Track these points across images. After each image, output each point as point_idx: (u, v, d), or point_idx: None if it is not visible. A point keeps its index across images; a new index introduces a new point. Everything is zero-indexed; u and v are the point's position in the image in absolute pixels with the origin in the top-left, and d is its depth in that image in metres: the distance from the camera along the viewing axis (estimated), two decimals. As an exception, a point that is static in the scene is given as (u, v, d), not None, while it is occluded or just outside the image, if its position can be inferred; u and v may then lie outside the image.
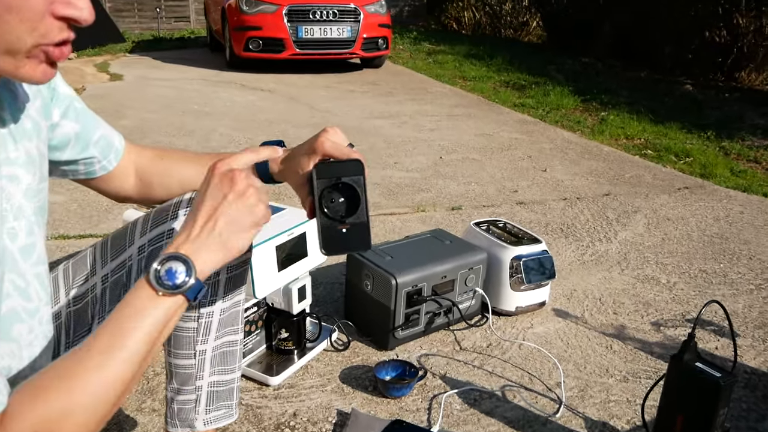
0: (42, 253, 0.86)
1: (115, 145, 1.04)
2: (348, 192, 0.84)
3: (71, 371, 0.68)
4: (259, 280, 1.52)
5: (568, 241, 2.65)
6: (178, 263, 0.75)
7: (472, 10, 11.74)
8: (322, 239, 0.84)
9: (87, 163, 1.01)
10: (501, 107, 5.46)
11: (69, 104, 0.95)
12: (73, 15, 0.68)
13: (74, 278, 1.02)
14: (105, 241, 1.05)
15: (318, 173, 0.84)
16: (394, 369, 1.67)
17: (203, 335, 1.09)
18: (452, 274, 1.86)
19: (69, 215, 2.76)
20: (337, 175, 0.84)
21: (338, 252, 0.87)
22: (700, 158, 4.01)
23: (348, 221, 0.84)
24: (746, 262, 2.51)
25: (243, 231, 0.79)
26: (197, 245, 0.77)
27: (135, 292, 0.75)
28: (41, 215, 0.86)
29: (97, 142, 1.01)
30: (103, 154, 1.02)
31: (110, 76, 6.38)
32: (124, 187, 1.08)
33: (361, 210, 0.84)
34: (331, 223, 0.84)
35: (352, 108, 5.24)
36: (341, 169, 0.85)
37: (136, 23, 11.39)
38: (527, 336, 1.93)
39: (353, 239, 0.84)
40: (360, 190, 0.84)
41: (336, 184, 0.84)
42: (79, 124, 0.97)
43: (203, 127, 4.37)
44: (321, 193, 0.84)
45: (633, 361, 1.82)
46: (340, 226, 0.84)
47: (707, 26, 7.26)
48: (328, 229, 0.84)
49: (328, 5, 6.67)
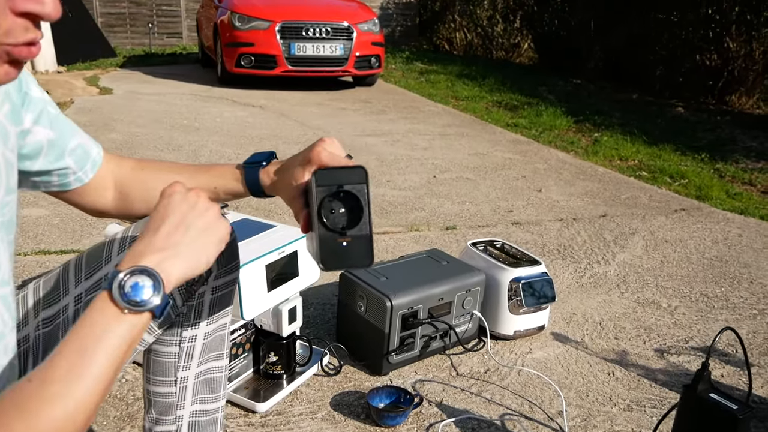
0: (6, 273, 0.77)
1: (92, 155, 0.96)
2: (350, 202, 0.77)
3: (30, 401, 0.60)
4: (248, 301, 1.44)
5: (566, 263, 2.58)
6: (144, 277, 0.68)
7: (464, 31, 11.79)
8: (320, 253, 0.76)
9: (61, 174, 0.93)
10: (494, 127, 5.43)
11: (42, 109, 0.87)
12: (34, 10, 0.61)
13: (44, 298, 0.94)
14: (79, 258, 0.96)
15: (318, 180, 0.77)
16: (389, 396, 1.59)
17: (185, 361, 1.01)
18: (449, 296, 1.78)
19: (51, 229, 2.66)
20: (338, 182, 0.77)
21: (338, 267, 0.79)
22: (695, 180, 3.97)
23: (349, 233, 0.77)
24: (747, 286, 2.45)
25: (210, 244, 0.75)
26: (162, 257, 0.70)
27: (96, 309, 0.67)
28: (7, 231, 0.78)
29: (73, 150, 0.93)
30: (79, 165, 0.94)
31: (100, 90, 6.30)
32: (100, 200, 1.00)
33: (363, 222, 0.77)
34: (331, 235, 0.76)
35: (344, 125, 5.18)
36: (343, 177, 0.77)
37: (128, 38, 11.33)
38: (526, 361, 1.85)
39: (354, 253, 0.77)
40: (363, 200, 0.77)
41: (337, 192, 0.76)
42: (53, 132, 0.89)
43: (192, 142, 4.30)
44: (321, 202, 0.76)
45: (637, 389, 1.74)
46: (340, 239, 0.77)
47: (698, 50, 7.30)
48: (327, 241, 0.77)
49: (321, 23, 6.64)
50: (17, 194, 0.82)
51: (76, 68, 7.83)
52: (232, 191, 0.98)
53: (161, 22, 11.54)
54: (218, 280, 1.00)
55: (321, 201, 0.76)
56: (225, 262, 0.99)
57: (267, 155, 0.97)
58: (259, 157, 0.96)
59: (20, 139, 0.85)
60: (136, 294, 0.67)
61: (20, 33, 0.61)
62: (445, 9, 12.29)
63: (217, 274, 0.99)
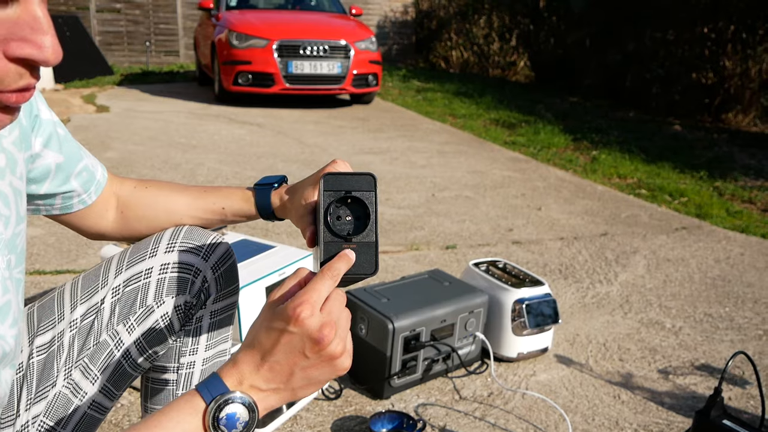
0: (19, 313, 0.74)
1: (96, 177, 0.94)
2: (357, 208, 0.75)
3: None
4: (247, 324, 1.40)
5: (568, 283, 2.55)
6: (244, 410, 0.65)
7: (460, 49, 11.85)
8: (323, 259, 0.73)
9: (65, 197, 0.91)
10: (492, 145, 5.42)
11: (51, 132, 0.85)
12: (31, 56, 0.55)
13: (39, 324, 0.91)
14: (75, 282, 0.93)
15: (326, 184, 0.75)
16: (391, 421, 1.55)
17: (183, 388, 0.97)
18: (452, 318, 1.75)
19: (46, 249, 2.63)
20: (347, 188, 0.75)
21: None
22: (695, 198, 3.96)
23: (355, 240, 0.74)
24: (751, 305, 2.42)
25: (318, 384, 0.69)
26: (271, 396, 0.67)
27: (185, 421, 0.64)
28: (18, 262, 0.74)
29: (79, 173, 0.90)
30: (84, 188, 0.92)
31: (97, 108, 6.28)
32: (102, 222, 0.97)
33: (370, 229, 0.75)
34: (336, 241, 0.74)
35: (342, 143, 5.17)
36: (351, 183, 0.76)
37: (125, 56, 11.36)
38: (530, 384, 1.82)
39: (359, 261, 0.74)
40: (371, 207, 0.75)
41: (345, 198, 0.75)
42: (62, 155, 0.87)
43: (190, 160, 4.27)
44: (327, 207, 0.74)
45: (643, 413, 1.71)
46: (345, 245, 0.74)
47: (694, 68, 7.34)
48: (332, 248, 0.74)
49: (319, 41, 6.66)
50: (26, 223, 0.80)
51: (73, 86, 7.82)
52: (242, 213, 0.96)
53: (158, 40, 11.57)
54: (217, 304, 0.97)
55: (328, 206, 0.74)
56: (224, 285, 0.96)
57: (279, 178, 0.96)
58: (270, 180, 0.96)
59: (29, 163, 0.82)
60: (229, 426, 0.64)
61: (13, 80, 0.56)
62: (441, 27, 12.38)
63: (216, 298, 0.96)
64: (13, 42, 0.54)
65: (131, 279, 0.91)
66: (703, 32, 7.21)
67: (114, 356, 0.91)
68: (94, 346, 0.90)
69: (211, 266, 0.93)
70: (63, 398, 0.89)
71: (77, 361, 0.89)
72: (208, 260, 0.93)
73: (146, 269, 0.91)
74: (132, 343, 0.91)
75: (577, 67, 9.21)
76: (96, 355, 0.90)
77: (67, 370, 0.89)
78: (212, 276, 0.93)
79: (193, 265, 0.92)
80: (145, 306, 0.91)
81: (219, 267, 0.94)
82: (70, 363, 0.89)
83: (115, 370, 0.92)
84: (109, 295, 0.91)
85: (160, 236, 0.93)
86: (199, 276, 0.92)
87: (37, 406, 0.88)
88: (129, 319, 0.91)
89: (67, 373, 0.89)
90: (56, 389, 0.89)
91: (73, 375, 0.90)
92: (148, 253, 0.91)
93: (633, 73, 8.05)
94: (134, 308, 0.90)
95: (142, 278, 0.90)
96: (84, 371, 0.90)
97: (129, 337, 0.91)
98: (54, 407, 0.89)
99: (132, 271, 0.91)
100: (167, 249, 0.91)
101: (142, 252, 0.92)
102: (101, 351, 0.90)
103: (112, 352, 0.91)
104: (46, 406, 0.89)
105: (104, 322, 0.90)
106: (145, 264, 0.91)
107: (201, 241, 0.93)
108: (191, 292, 0.92)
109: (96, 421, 0.93)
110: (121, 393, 0.94)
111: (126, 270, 0.91)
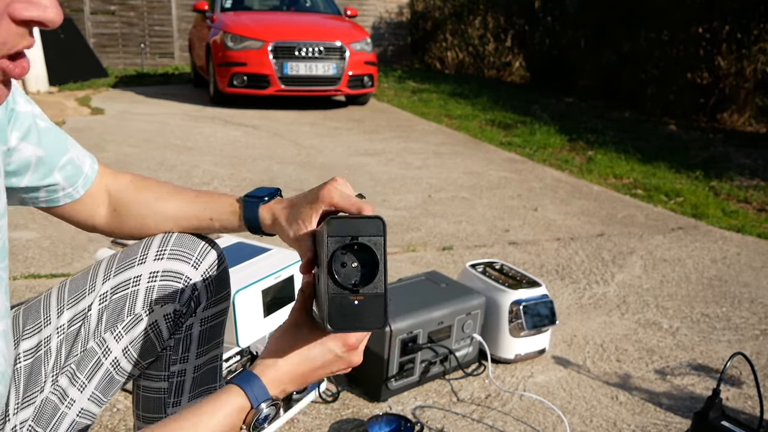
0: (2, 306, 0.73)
1: (84, 171, 0.92)
2: (365, 255, 0.69)
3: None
4: (243, 327, 1.40)
5: (565, 284, 2.55)
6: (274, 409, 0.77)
7: (456, 50, 11.86)
8: (328, 312, 0.69)
9: (49, 191, 0.89)
10: (488, 145, 5.42)
11: (30, 125, 0.83)
12: (36, 16, 0.56)
13: (24, 328, 0.89)
14: (62, 286, 0.92)
15: (330, 230, 0.69)
16: (388, 424, 1.55)
17: (175, 396, 0.96)
18: (449, 320, 1.75)
19: (41, 253, 2.61)
20: (353, 233, 0.69)
21: (347, 329, 0.71)
22: (690, 198, 3.97)
23: (362, 291, 0.69)
24: (748, 305, 2.42)
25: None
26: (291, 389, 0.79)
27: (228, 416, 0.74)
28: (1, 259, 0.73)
29: (63, 167, 0.88)
30: (69, 181, 0.90)
31: (91, 110, 6.26)
32: (95, 217, 0.96)
33: (378, 279, 0.69)
34: (342, 292, 0.69)
35: (338, 145, 5.16)
36: (358, 227, 0.69)
37: (120, 59, 11.33)
38: (528, 386, 1.81)
39: (366, 314, 0.69)
40: (380, 254, 0.69)
41: (351, 244, 0.69)
42: (41, 148, 0.85)
43: (185, 162, 4.26)
44: (332, 255, 0.69)
45: (641, 414, 1.71)
46: (351, 297, 0.69)
47: (689, 68, 7.35)
48: (336, 299, 0.69)
49: (314, 42, 6.65)
50: (7, 218, 0.78)
51: (67, 88, 7.80)
52: (228, 225, 0.92)
53: (153, 42, 11.55)
54: (207, 311, 0.95)
55: (333, 253, 0.69)
56: (214, 292, 0.94)
57: (271, 191, 0.91)
58: (261, 192, 0.91)
59: (6, 157, 0.81)
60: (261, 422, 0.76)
61: (17, 41, 0.57)
62: (436, 28, 12.37)
63: (206, 305, 0.94)
64: (18, 4, 0.55)
65: (119, 286, 0.89)
66: (698, 32, 7.22)
67: (101, 364, 0.90)
68: (81, 353, 0.89)
69: (201, 274, 0.92)
70: (50, 404, 0.88)
71: (64, 368, 0.88)
72: (198, 268, 0.91)
73: (135, 277, 0.89)
74: (120, 352, 0.90)
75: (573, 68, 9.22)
76: (83, 363, 0.89)
77: (54, 376, 0.88)
78: (202, 284, 0.92)
79: (183, 273, 0.90)
80: (133, 314, 0.89)
81: (209, 274, 0.93)
82: (57, 369, 0.88)
83: (103, 378, 0.90)
84: (97, 301, 0.89)
85: (149, 243, 0.92)
86: (189, 284, 0.90)
87: (25, 411, 0.87)
88: (117, 327, 0.89)
89: (54, 379, 0.88)
90: (43, 395, 0.88)
91: (60, 381, 0.88)
92: (137, 260, 0.90)
93: (628, 73, 8.06)
94: (122, 316, 0.89)
95: (130, 286, 0.89)
96: (71, 378, 0.89)
97: (117, 345, 0.90)
98: (41, 413, 0.88)
99: (120, 278, 0.90)
100: (156, 256, 0.90)
101: (131, 259, 0.91)
102: (88, 358, 0.89)
103: (99, 359, 0.89)
104: (33, 411, 0.87)
105: (91, 329, 0.89)
106: (134, 271, 0.89)
107: (191, 249, 0.91)
108: (181, 300, 0.90)
109: (85, 427, 0.92)
110: (109, 399, 0.93)
111: (114, 276, 0.90)
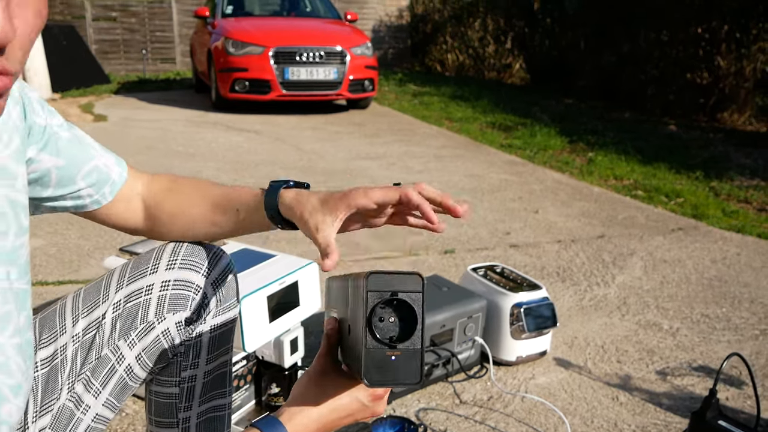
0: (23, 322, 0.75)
1: (112, 177, 0.95)
2: (403, 311, 0.71)
3: None
4: (249, 333, 1.42)
5: (565, 285, 2.57)
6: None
7: (456, 52, 11.89)
8: (365, 366, 0.69)
9: (75, 197, 0.91)
10: (489, 148, 5.45)
11: (49, 138, 0.85)
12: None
13: (40, 337, 0.92)
14: (76, 295, 0.95)
15: (369, 284, 0.70)
16: (392, 426, 1.57)
17: (186, 401, 0.99)
18: (451, 323, 1.77)
19: (48, 260, 2.64)
20: (392, 288, 0.70)
21: (383, 384, 0.71)
22: (691, 199, 3.99)
23: (400, 347, 0.70)
24: (748, 306, 2.45)
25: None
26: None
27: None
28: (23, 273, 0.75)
29: (87, 174, 0.91)
30: (96, 188, 0.93)
31: (94, 117, 6.31)
32: (128, 219, 0.99)
33: (416, 334, 0.70)
34: (379, 347, 0.70)
35: (339, 149, 5.19)
36: (397, 283, 0.70)
37: (122, 65, 11.38)
38: (529, 388, 1.84)
39: (402, 369, 0.70)
40: (418, 310, 0.70)
41: (390, 300, 0.70)
42: (61, 158, 0.87)
43: (188, 168, 4.29)
44: (372, 310, 0.70)
45: (642, 414, 1.73)
46: (389, 352, 0.70)
47: (689, 68, 7.38)
48: (374, 354, 0.69)
49: (315, 47, 6.69)
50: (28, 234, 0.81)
51: (70, 95, 7.84)
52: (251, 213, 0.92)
53: (155, 48, 11.60)
54: (217, 318, 0.98)
55: (373, 308, 0.69)
56: (224, 299, 0.98)
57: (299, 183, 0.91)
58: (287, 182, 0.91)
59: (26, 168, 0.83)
60: None
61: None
62: (436, 31, 12.42)
63: (216, 312, 0.97)
64: None
65: (132, 294, 0.92)
66: (697, 32, 7.25)
67: (115, 371, 0.93)
68: (95, 361, 0.92)
69: (211, 282, 0.95)
70: (67, 411, 0.91)
71: (79, 375, 0.91)
72: (208, 277, 0.94)
73: (147, 285, 0.92)
74: (133, 358, 0.93)
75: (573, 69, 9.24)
76: (98, 370, 0.92)
77: (71, 383, 0.91)
78: (212, 292, 0.95)
79: (194, 282, 0.94)
80: (146, 322, 0.92)
81: (219, 283, 0.96)
82: (73, 376, 0.91)
83: (117, 384, 0.94)
84: (110, 310, 0.92)
85: (160, 253, 0.95)
86: (199, 292, 0.94)
87: (43, 419, 0.90)
88: (130, 335, 0.93)
89: (70, 386, 0.91)
90: (60, 402, 0.91)
91: (76, 389, 0.92)
92: (149, 269, 0.93)
93: (628, 73, 8.08)
94: (135, 324, 0.92)
95: (143, 294, 0.92)
96: (86, 385, 0.92)
97: (130, 352, 0.93)
98: (58, 420, 0.91)
99: (133, 287, 0.93)
100: (168, 266, 0.93)
101: (143, 268, 0.94)
102: (103, 365, 0.92)
103: (113, 366, 0.93)
104: (51, 418, 0.91)
105: (105, 336, 0.92)
106: (147, 280, 0.92)
107: (201, 258, 0.95)
108: (191, 308, 0.94)
109: (99, 431, 0.95)
110: (122, 404, 0.96)
111: (127, 285, 0.93)
